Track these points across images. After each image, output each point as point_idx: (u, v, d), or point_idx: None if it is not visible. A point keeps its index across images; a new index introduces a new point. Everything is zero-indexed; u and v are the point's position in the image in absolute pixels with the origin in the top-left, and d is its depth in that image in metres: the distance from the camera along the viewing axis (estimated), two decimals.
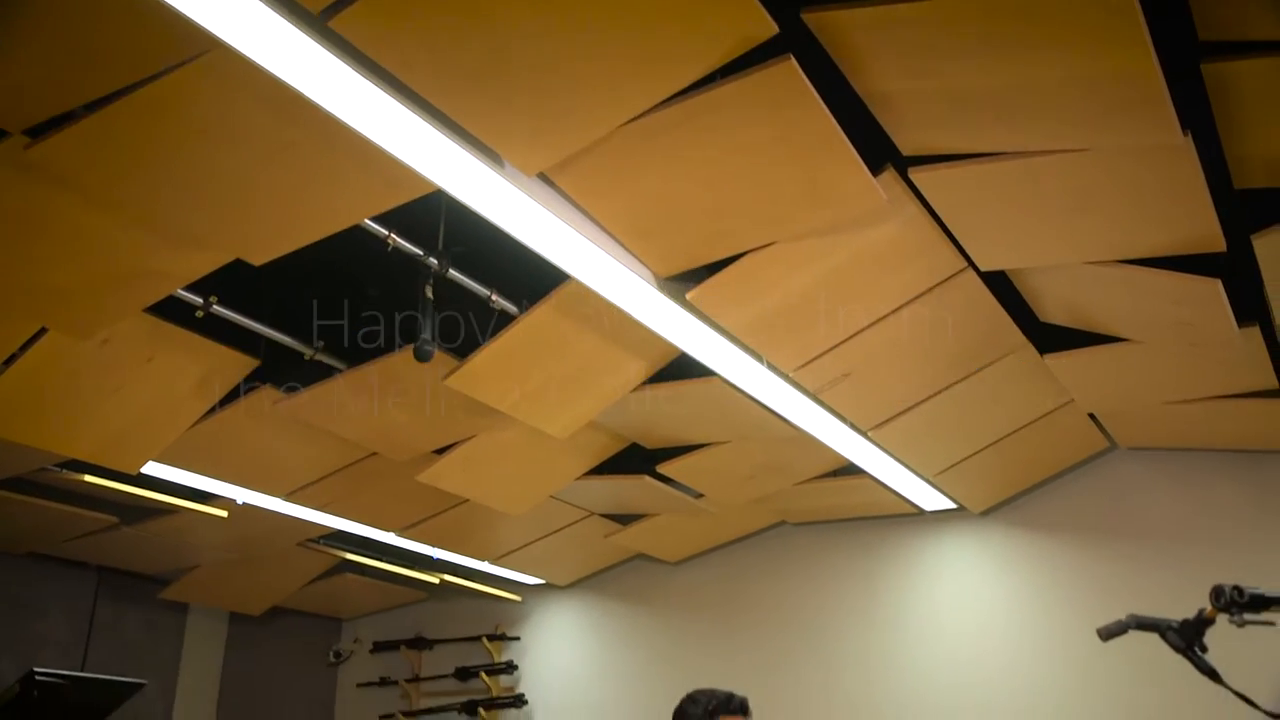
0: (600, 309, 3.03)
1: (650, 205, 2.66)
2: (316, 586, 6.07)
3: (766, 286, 3.04)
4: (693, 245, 2.84)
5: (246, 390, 3.63)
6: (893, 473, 4.52)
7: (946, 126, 2.48)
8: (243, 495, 4.45)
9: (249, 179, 2.41)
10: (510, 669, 6.27)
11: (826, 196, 2.62)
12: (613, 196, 2.61)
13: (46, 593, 5.32)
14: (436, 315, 3.10)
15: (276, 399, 3.66)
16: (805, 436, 4.05)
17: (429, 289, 3.05)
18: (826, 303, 3.21)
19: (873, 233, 2.92)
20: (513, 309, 3.30)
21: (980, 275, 3.22)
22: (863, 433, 4.06)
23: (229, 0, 1.81)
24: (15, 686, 3.80)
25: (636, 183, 2.56)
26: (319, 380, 3.58)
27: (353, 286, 3.49)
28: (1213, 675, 1.97)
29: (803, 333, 3.33)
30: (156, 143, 2.27)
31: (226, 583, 5.72)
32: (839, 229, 2.87)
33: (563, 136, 2.34)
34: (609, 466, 4.63)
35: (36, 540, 5.01)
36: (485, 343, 3.29)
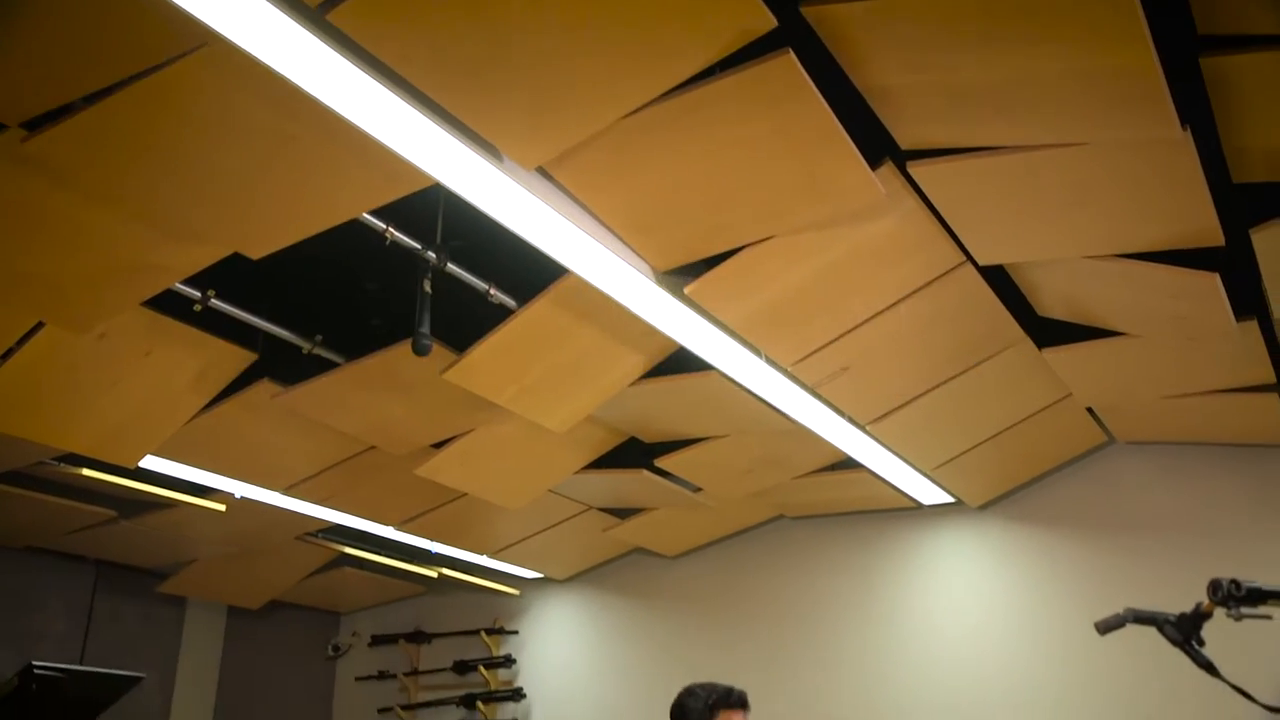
0: (598, 303, 3.03)
1: (649, 199, 2.65)
2: (315, 580, 6.08)
3: (765, 280, 3.04)
4: (691, 239, 2.84)
5: (245, 384, 3.63)
6: (891, 467, 4.52)
7: (945, 121, 2.48)
8: (241, 489, 4.44)
9: (247, 172, 2.41)
10: (508, 663, 6.27)
11: (825, 191, 2.62)
12: (611, 190, 2.61)
13: (45, 586, 5.32)
14: (433, 309, 3.09)
15: (275, 393, 3.66)
16: (803, 430, 4.05)
17: (427, 283, 3.05)
18: (825, 297, 3.21)
19: (871, 227, 2.92)
20: (511, 303, 3.30)
21: (978, 269, 3.22)
22: (861, 427, 4.06)
23: None
24: (14, 680, 3.80)
25: (635, 177, 2.56)
26: (317, 374, 3.59)
27: (351, 280, 3.49)
28: (1209, 669, 1.97)
29: (801, 327, 3.33)
30: (154, 136, 2.26)
31: (225, 576, 5.72)
32: (837, 223, 2.87)
33: (561, 130, 2.34)
34: (607, 460, 4.63)
35: (35, 534, 5.01)
36: (483, 337, 3.30)
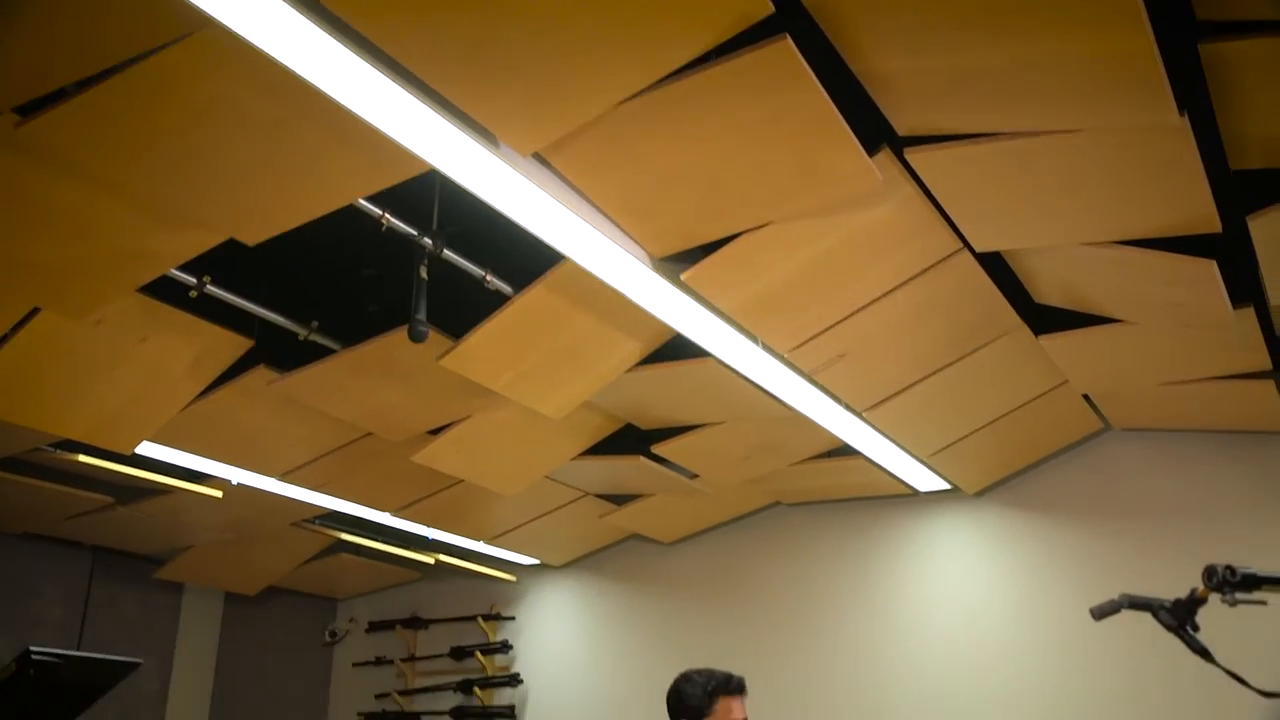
0: (595, 289, 3.02)
1: (645, 185, 2.65)
2: (312, 566, 6.08)
3: (762, 267, 3.04)
4: (688, 226, 2.84)
5: (241, 370, 3.63)
6: (887, 453, 4.53)
7: (943, 107, 2.47)
8: (237, 475, 4.44)
9: (242, 158, 2.40)
10: (505, 648, 6.29)
11: (822, 177, 2.61)
12: (608, 177, 2.60)
13: (42, 572, 5.33)
14: (429, 295, 3.09)
15: (271, 379, 3.66)
16: (800, 417, 4.05)
17: (423, 269, 3.04)
18: (821, 283, 3.21)
19: (868, 214, 2.91)
20: (507, 289, 3.29)
21: (975, 256, 3.21)
22: (858, 413, 4.06)
23: None
24: (11, 665, 3.80)
25: (632, 163, 2.55)
26: (313, 361, 3.58)
27: (347, 266, 3.48)
28: (1204, 654, 1.98)
29: (798, 313, 3.33)
30: (148, 122, 2.25)
31: (222, 563, 5.72)
32: (835, 210, 2.86)
33: (558, 116, 2.33)
34: (604, 447, 4.63)
35: (31, 520, 5.02)
36: (480, 323, 3.29)
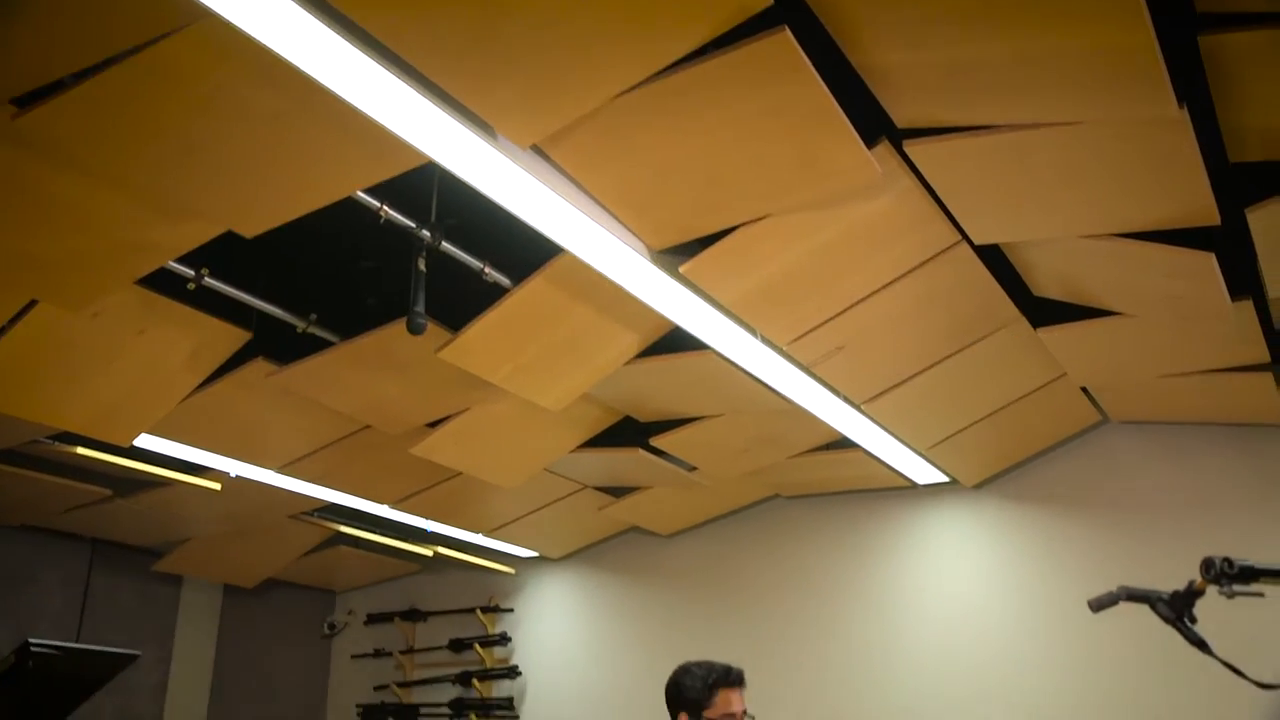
0: (593, 282, 3.02)
1: (644, 178, 2.64)
2: (310, 559, 6.09)
3: (760, 260, 3.03)
4: (686, 218, 2.83)
5: (239, 363, 3.62)
6: (886, 446, 4.53)
7: (942, 99, 2.47)
8: (236, 468, 4.44)
9: (240, 150, 2.39)
10: (504, 641, 6.30)
11: (821, 170, 2.61)
12: (606, 169, 2.60)
13: (41, 564, 5.33)
14: (428, 288, 3.09)
15: (269, 371, 3.66)
16: (799, 410, 4.05)
17: (422, 261, 3.04)
18: (820, 276, 3.21)
19: (867, 206, 2.91)
20: (506, 282, 3.29)
21: (974, 249, 3.21)
22: (856, 406, 4.06)
23: None
24: (10, 657, 3.81)
25: (630, 155, 2.55)
26: (312, 353, 3.58)
27: (345, 259, 3.48)
28: (1201, 646, 1.98)
29: (796, 306, 3.33)
30: (146, 113, 2.25)
31: (220, 555, 5.73)
32: (833, 202, 2.86)
33: (556, 108, 2.32)
34: (602, 439, 4.63)
35: (30, 512, 5.02)
36: (478, 316, 3.29)
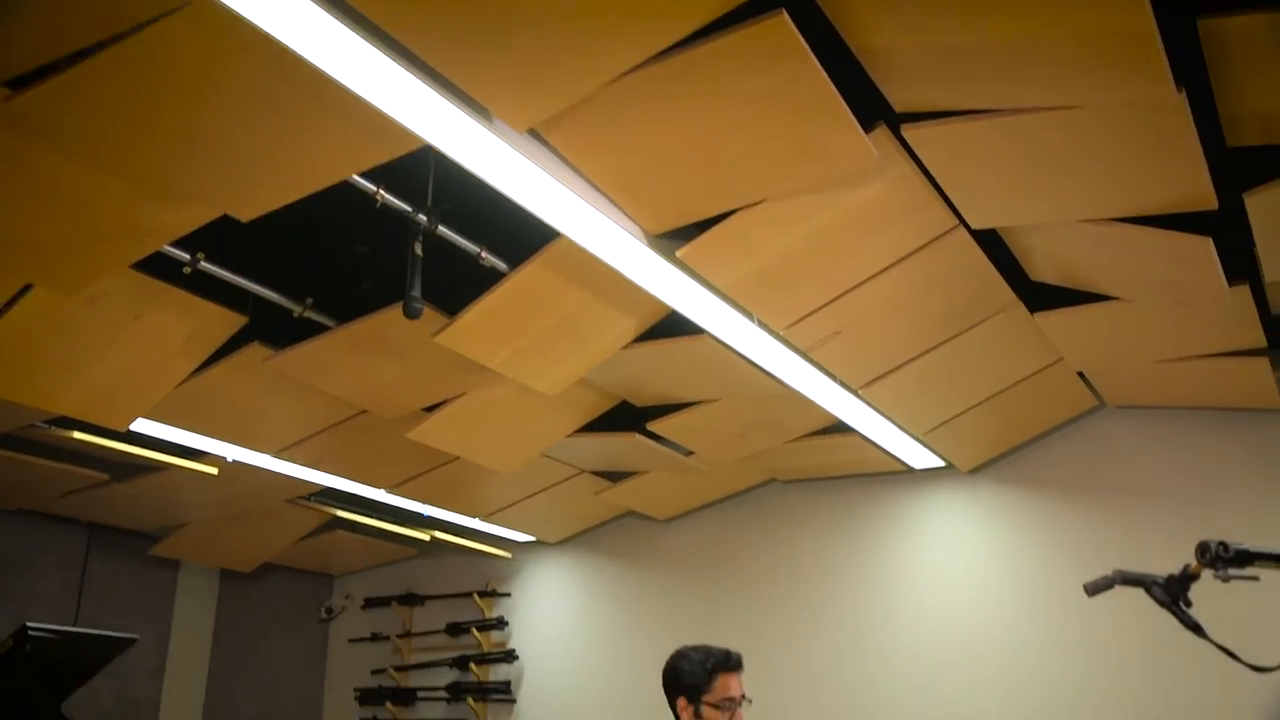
0: (590, 266, 3.01)
1: (640, 162, 2.63)
2: (307, 543, 6.09)
3: (757, 244, 3.03)
4: (683, 202, 2.83)
5: (235, 347, 3.62)
6: (882, 431, 4.53)
7: (940, 83, 2.46)
8: (232, 452, 4.44)
9: (235, 133, 2.38)
10: (501, 625, 6.32)
11: (818, 153, 2.60)
12: (603, 153, 2.59)
13: (37, 549, 5.34)
14: (424, 272, 3.08)
15: (265, 356, 3.65)
16: (795, 394, 4.05)
17: (418, 245, 3.03)
18: (817, 261, 3.20)
19: (864, 190, 2.90)
20: (502, 266, 3.28)
21: (971, 233, 3.21)
22: (853, 390, 4.06)
23: None
24: (8, 641, 3.82)
25: (627, 139, 2.54)
26: (308, 337, 3.57)
27: (341, 243, 3.47)
28: (1196, 629, 1.98)
29: (793, 290, 3.32)
30: (140, 96, 2.23)
31: (217, 539, 5.73)
32: (831, 187, 2.85)
33: (553, 92, 2.31)
34: (599, 424, 4.63)
35: (26, 497, 5.01)
36: (475, 300, 3.28)
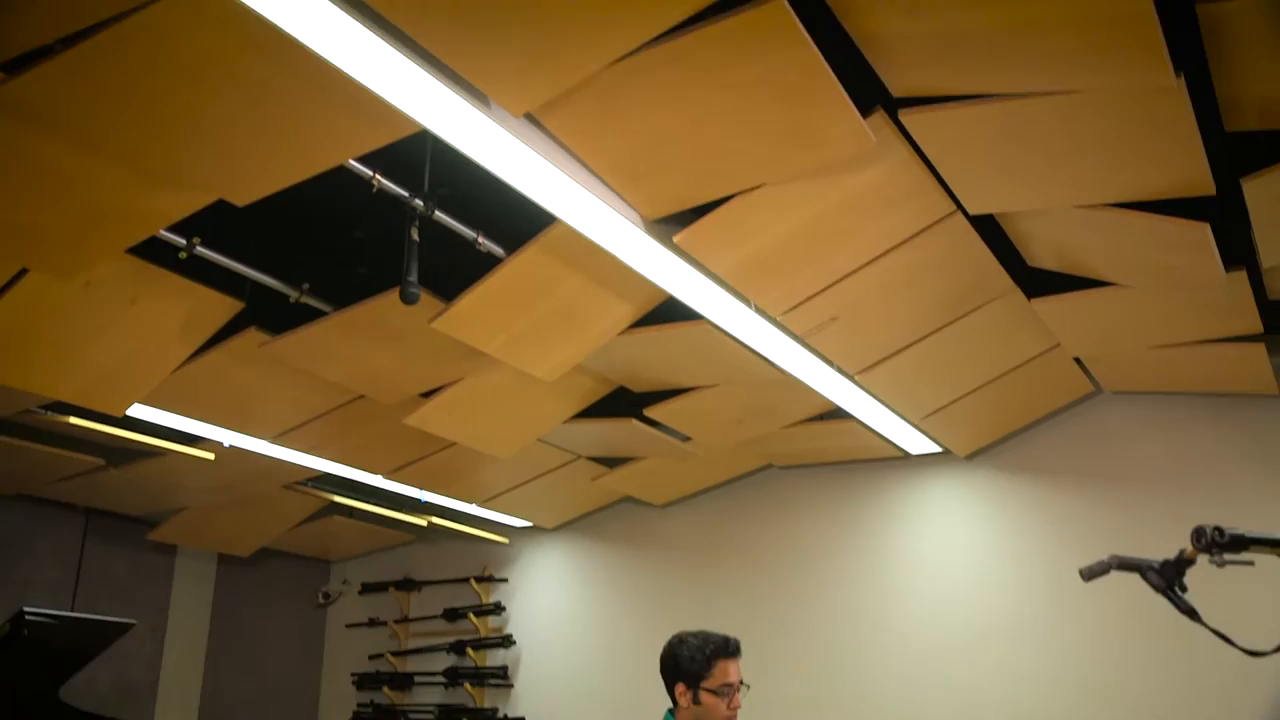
0: (587, 252, 3.01)
1: (638, 147, 2.63)
2: (305, 528, 6.10)
3: (754, 229, 3.02)
4: (680, 187, 2.82)
5: (232, 333, 3.61)
6: (879, 416, 4.54)
7: (938, 68, 2.45)
8: (229, 438, 4.44)
9: (231, 118, 2.37)
10: (498, 610, 6.33)
11: (816, 138, 2.60)
12: (600, 138, 2.58)
13: (35, 534, 5.34)
14: (421, 257, 3.07)
15: (262, 341, 3.65)
16: (792, 380, 4.05)
17: (415, 230, 3.02)
18: (814, 246, 3.20)
19: (862, 176, 2.90)
20: (499, 251, 3.28)
21: (969, 219, 3.20)
22: (850, 376, 4.07)
23: None
24: (6, 626, 3.83)
25: (624, 124, 2.53)
26: (305, 323, 3.57)
27: (338, 228, 3.46)
28: (1191, 614, 1.99)
29: (791, 276, 3.32)
30: (135, 80, 2.22)
31: (215, 524, 5.74)
32: (828, 172, 2.84)
33: (550, 76, 2.30)
34: (596, 410, 4.63)
35: (23, 482, 5.01)
36: (472, 285, 3.28)
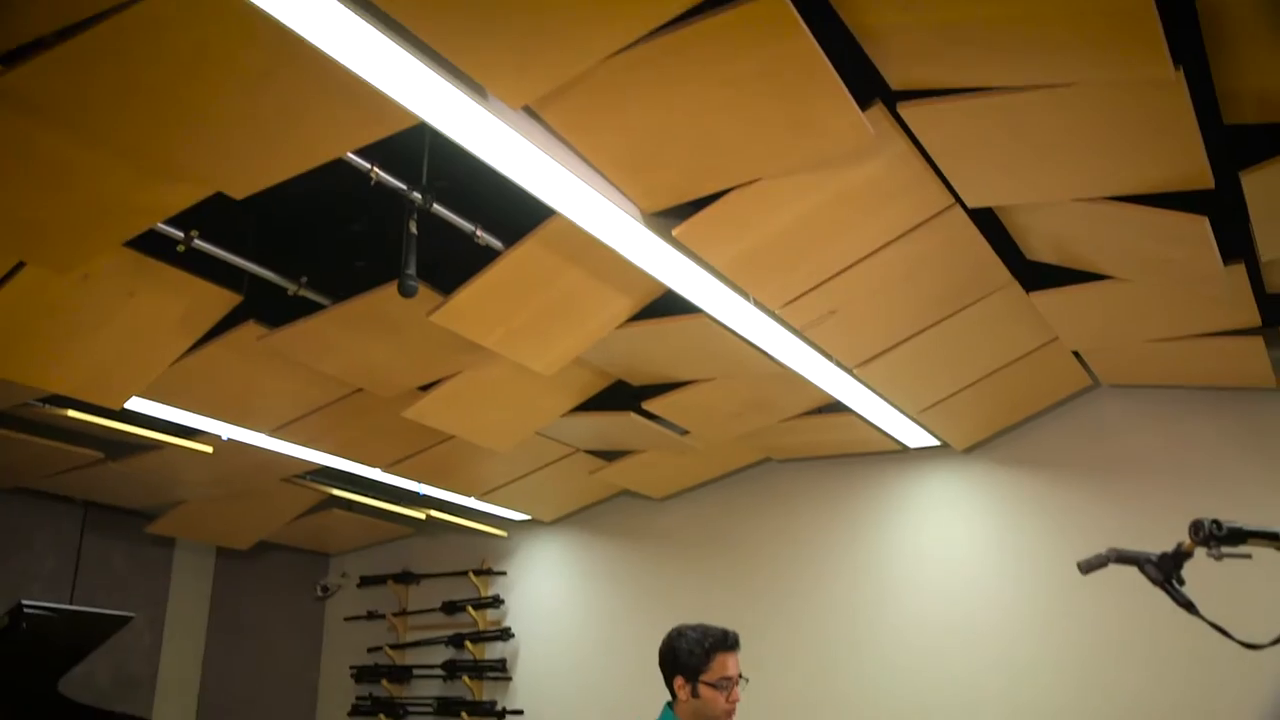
0: (586, 245, 3.00)
1: (636, 139, 2.62)
2: (303, 522, 6.10)
3: (753, 223, 3.02)
4: (679, 180, 2.82)
5: (230, 326, 3.61)
6: (878, 410, 4.54)
7: (937, 61, 2.45)
8: (228, 431, 4.44)
9: (228, 110, 2.37)
10: (497, 603, 6.34)
11: (814, 132, 2.59)
12: (599, 130, 2.58)
13: (33, 527, 5.34)
14: (419, 250, 3.07)
15: (260, 334, 3.64)
16: (791, 374, 4.05)
17: (413, 224, 3.02)
18: (813, 240, 3.20)
19: (860, 169, 2.89)
20: (498, 244, 3.28)
21: (967, 212, 3.20)
22: (848, 370, 4.07)
23: None
24: (4, 619, 3.83)
25: (623, 116, 2.53)
26: (303, 316, 3.56)
27: (336, 221, 3.46)
28: (1189, 607, 1.99)
29: (789, 270, 3.32)
30: (132, 72, 2.22)
31: (213, 518, 5.73)
32: (827, 165, 2.84)
33: (548, 69, 2.30)
34: (594, 403, 4.63)
35: (22, 475, 5.01)
36: (470, 279, 3.27)
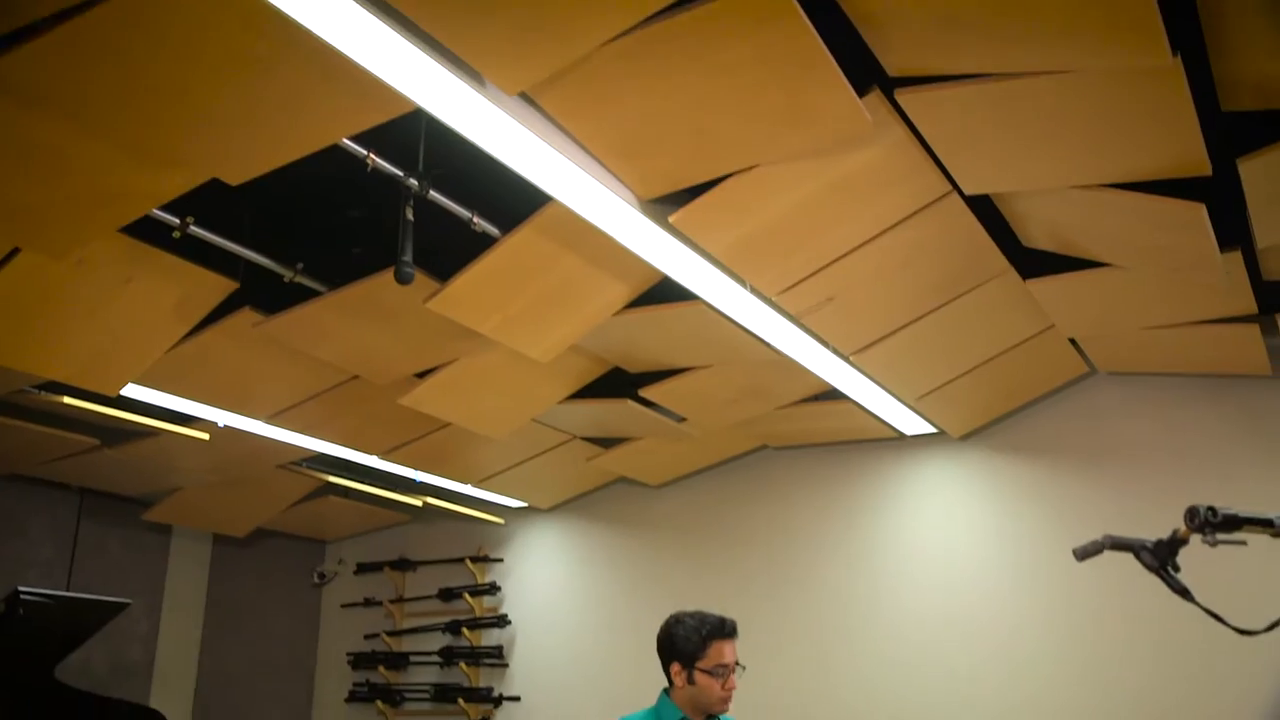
0: (582, 232, 3.00)
1: (633, 126, 2.62)
2: (300, 509, 6.10)
3: (750, 210, 3.02)
4: (676, 167, 2.81)
5: (226, 312, 3.60)
6: (874, 397, 4.55)
7: (934, 47, 2.44)
8: (224, 418, 4.43)
9: (224, 96, 2.36)
10: (493, 590, 6.35)
11: (811, 118, 2.59)
12: (595, 117, 2.57)
13: (29, 513, 5.34)
14: (416, 237, 3.06)
15: (256, 321, 3.64)
16: (787, 361, 4.06)
17: (409, 210, 3.01)
18: (810, 226, 3.19)
19: (857, 156, 2.89)
20: (494, 231, 3.27)
21: (965, 199, 3.20)
22: (845, 357, 4.07)
23: None
24: (1, 606, 3.83)
25: (619, 103, 2.52)
26: (299, 303, 3.56)
27: (332, 208, 3.45)
28: (1184, 594, 2.00)
29: (786, 257, 3.31)
30: (127, 57, 2.21)
31: (209, 505, 5.73)
32: (823, 152, 2.83)
33: (545, 55, 2.29)
34: (591, 390, 4.63)
35: (17, 461, 5.01)
36: (467, 265, 3.27)
